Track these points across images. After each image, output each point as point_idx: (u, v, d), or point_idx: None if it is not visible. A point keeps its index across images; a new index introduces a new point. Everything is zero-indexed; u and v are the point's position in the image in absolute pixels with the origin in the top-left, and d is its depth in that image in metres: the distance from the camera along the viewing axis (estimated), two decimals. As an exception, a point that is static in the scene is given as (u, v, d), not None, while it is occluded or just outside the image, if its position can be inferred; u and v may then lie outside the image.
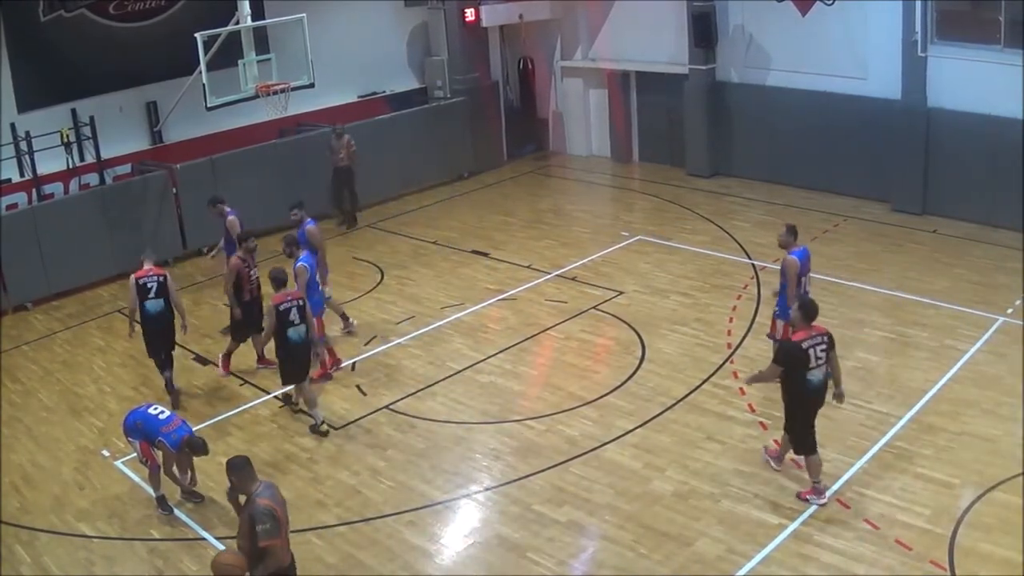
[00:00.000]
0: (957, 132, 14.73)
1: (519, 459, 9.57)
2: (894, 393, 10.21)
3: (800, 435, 8.45)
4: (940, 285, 12.89)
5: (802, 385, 8.21)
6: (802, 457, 8.55)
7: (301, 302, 10.06)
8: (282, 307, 9.93)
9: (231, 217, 12.67)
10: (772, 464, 9.05)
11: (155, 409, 8.86)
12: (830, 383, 8.43)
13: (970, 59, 14.44)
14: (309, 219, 12.29)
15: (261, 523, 6.23)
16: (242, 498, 6.55)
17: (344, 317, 12.59)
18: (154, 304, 10.91)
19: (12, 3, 14.78)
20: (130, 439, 8.94)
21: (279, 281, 10.11)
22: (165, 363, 11.21)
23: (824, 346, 8.24)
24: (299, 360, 10.14)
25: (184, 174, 15.85)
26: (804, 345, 8.13)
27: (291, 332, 9.97)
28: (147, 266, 11.02)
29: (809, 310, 8.30)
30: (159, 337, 11.10)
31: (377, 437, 10.20)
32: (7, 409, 11.38)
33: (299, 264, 10.87)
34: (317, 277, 11.04)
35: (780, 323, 10.12)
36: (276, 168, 16.78)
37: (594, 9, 19.76)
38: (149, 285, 10.89)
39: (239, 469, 6.47)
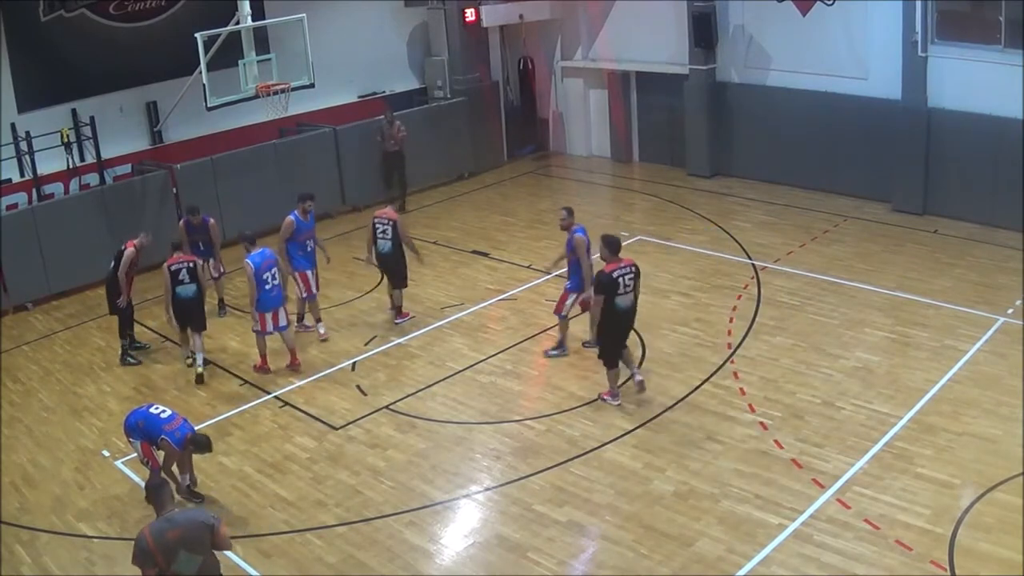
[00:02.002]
0: (957, 132, 14.73)
1: (519, 459, 9.57)
2: (894, 393, 10.21)
3: (609, 352, 10.15)
4: (940, 285, 12.89)
5: (612, 309, 9.78)
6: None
7: (191, 264, 11.61)
8: (173, 267, 11.50)
9: (212, 220, 13.33)
10: (610, 402, 10.35)
11: (156, 408, 8.87)
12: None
13: (970, 59, 14.44)
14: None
15: (134, 548, 6.29)
16: None
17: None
18: (109, 271, 12.24)
19: (12, 3, 14.78)
20: (131, 440, 8.94)
21: (175, 247, 11.77)
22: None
23: (631, 275, 9.87)
24: (189, 312, 11.65)
25: (184, 174, 15.84)
26: (614, 275, 9.72)
27: (179, 289, 11.53)
28: (134, 241, 12.12)
29: (613, 244, 9.83)
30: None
31: (377, 437, 10.19)
32: (7, 409, 11.38)
33: (245, 261, 11.36)
34: (269, 275, 11.31)
35: (571, 297, 11.25)
36: (276, 168, 16.79)
37: (594, 9, 19.76)
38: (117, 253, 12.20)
39: (149, 491, 6.56)
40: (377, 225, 12.52)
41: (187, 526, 6.36)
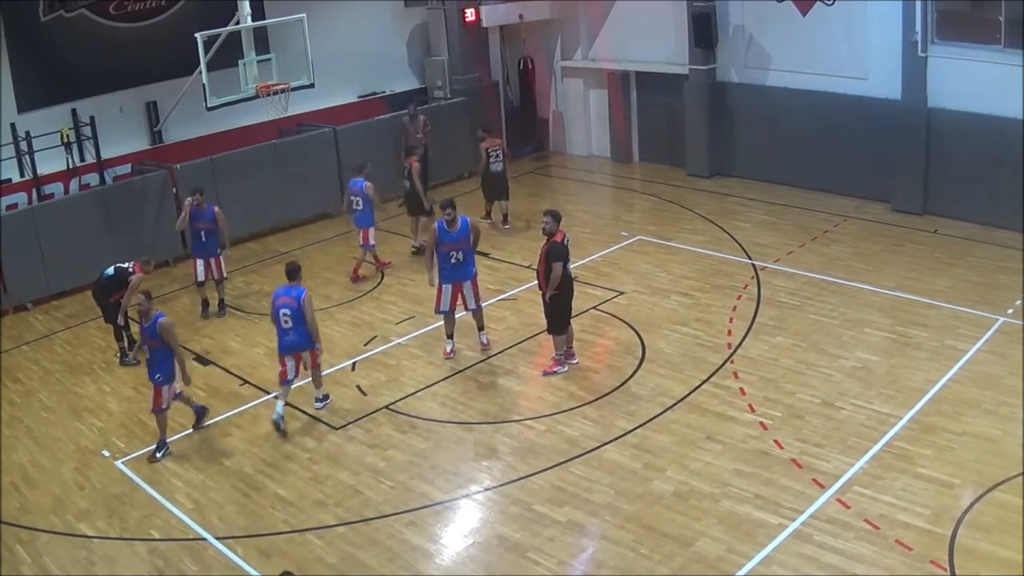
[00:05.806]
0: (957, 132, 14.72)
1: (519, 459, 9.57)
2: (894, 393, 10.21)
3: (562, 317, 10.96)
4: (940, 285, 12.89)
5: (566, 275, 10.68)
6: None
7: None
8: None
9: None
10: (560, 369, 11.08)
11: None
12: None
13: (970, 59, 14.43)
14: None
15: None
16: None
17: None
18: (103, 281, 12.25)
19: (12, 3, 14.78)
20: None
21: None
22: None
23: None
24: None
25: (184, 174, 15.83)
26: (565, 243, 10.68)
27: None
28: (139, 265, 12.08)
29: (559, 216, 10.76)
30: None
31: (377, 437, 10.20)
32: (7, 409, 11.39)
33: None
34: (355, 199, 14.17)
35: (165, 389, 9.83)
36: (276, 168, 16.78)
37: (594, 9, 19.75)
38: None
39: None
40: (490, 152, 16.12)
41: None
